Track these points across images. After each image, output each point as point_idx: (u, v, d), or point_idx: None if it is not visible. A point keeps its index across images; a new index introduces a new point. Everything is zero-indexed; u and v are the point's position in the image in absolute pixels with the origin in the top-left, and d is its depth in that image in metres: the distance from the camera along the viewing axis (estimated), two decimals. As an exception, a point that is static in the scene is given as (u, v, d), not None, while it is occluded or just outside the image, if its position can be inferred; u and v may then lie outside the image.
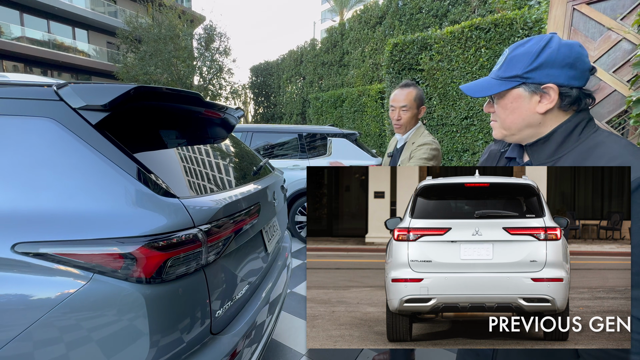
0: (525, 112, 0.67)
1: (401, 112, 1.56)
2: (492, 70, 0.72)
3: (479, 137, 4.83)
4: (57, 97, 0.94)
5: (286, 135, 4.11)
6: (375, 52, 10.28)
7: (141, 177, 0.91)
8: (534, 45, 0.64)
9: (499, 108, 0.71)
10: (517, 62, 0.65)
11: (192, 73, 13.97)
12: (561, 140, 0.66)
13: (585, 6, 1.69)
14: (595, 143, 0.63)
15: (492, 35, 4.48)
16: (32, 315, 0.76)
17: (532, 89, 0.65)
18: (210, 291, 0.97)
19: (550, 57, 0.62)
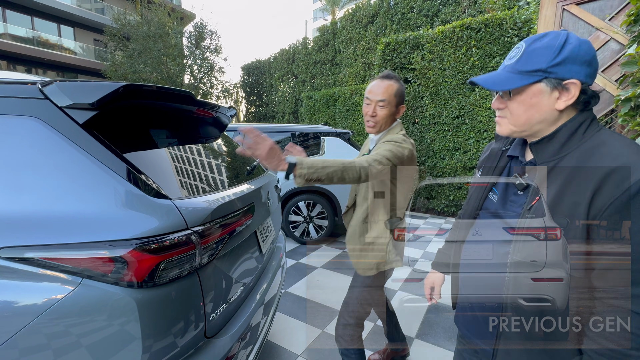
0: (544, 108, 0.65)
1: (377, 107, 1.29)
2: (504, 64, 0.69)
3: (470, 136, 4.88)
4: (42, 96, 0.90)
5: (279, 134, 4.08)
6: (367, 51, 10.30)
7: (131, 177, 0.88)
8: (554, 39, 0.62)
9: (515, 104, 0.67)
10: (539, 55, 0.62)
11: (182, 72, 13.76)
12: (565, 139, 0.65)
13: (574, 7, 1.72)
14: (599, 142, 0.62)
15: (483, 35, 4.53)
16: (19, 323, 0.73)
17: (554, 84, 0.62)
18: (204, 294, 0.95)
19: (573, 52, 0.60)
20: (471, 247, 0.84)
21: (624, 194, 0.56)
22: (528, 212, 0.68)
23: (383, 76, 1.32)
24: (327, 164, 1.00)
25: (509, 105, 0.69)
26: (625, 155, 0.58)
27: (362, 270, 1.34)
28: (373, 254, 1.32)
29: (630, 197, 0.56)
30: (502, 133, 0.74)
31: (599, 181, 0.58)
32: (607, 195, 0.58)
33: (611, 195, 0.57)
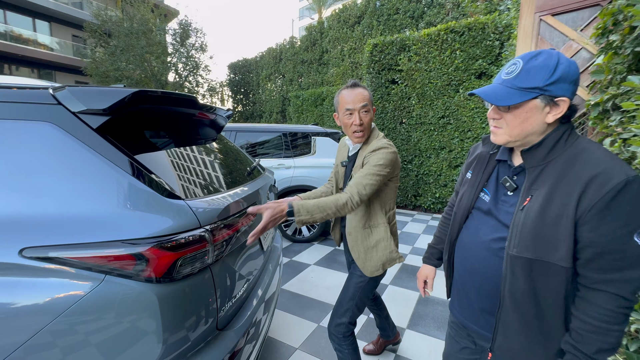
0: (535, 122, 0.73)
1: (362, 114, 1.31)
2: (502, 77, 0.76)
3: (454, 135, 5.07)
4: (55, 101, 0.94)
5: (270, 134, 4.12)
6: (354, 51, 10.42)
7: (146, 179, 0.93)
8: (548, 59, 0.70)
9: (511, 116, 0.75)
10: (536, 74, 0.70)
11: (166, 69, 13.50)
12: (551, 146, 0.75)
13: (550, 17, 1.86)
14: (580, 149, 0.72)
15: (466, 39, 4.71)
16: (45, 318, 0.77)
17: (547, 100, 0.71)
18: (216, 288, 1.01)
19: (564, 72, 0.69)
20: (468, 242, 0.92)
21: (605, 196, 0.65)
22: (521, 211, 0.77)
23: (352, 85, 1.33)
24: (323, 208, 1.12)
25: (505, 117, 0.76)
26: (604, 162, 0.68)
27: (370, 272, 1.38)
28: (378, 256, 1.38)
29: (610, 199, 0.65)
30: (498, 142, 0.82)
31: (584, 185, 0.68)
32: (591, 197, 0.67)
33: (594, 197, 0.66)
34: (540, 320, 0.78)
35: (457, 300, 1.00)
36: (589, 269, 0.71)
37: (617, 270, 0.68)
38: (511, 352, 0.83)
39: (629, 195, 0.64)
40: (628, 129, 1.24)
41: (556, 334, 0.77)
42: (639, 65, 1.30)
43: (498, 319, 0.83)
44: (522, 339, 0.80)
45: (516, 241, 0.77)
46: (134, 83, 12.35)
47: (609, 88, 1.41)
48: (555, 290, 0.74)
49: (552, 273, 0.73)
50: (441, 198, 5.43)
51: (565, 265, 0.71)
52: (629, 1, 1.16)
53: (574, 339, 0.73)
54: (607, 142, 1.46)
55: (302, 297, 2.63)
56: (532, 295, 0.76)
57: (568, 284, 0.73)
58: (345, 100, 1.32)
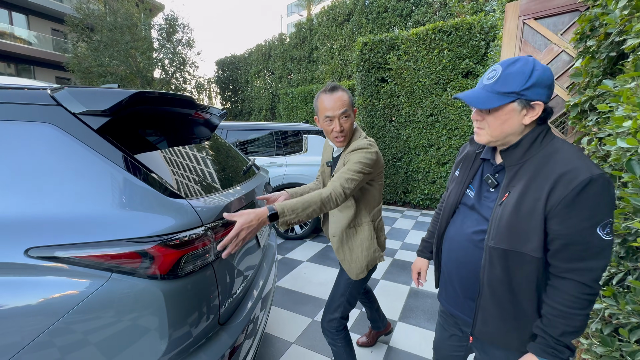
0: (513, 124, 0.80)
1: (342, 120, 1.28)
2: (483, 82, 0.83)
3: (442, 133, 5.19)
4: (54, 102, 0.95)
5: (262, 132, 4.13)
6: (343, 48, 10.46)
7: (148, 179, 0.95)
8: (524, 65, 0.76)
9: (492, 118, 0.82)
10: (513, 80, 0.76)
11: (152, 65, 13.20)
12: (528, 147, 0.81)
13: (533, 21, 1.94)
14: (554, 149, 0.79)
15: (453, 38, 4.82)
16: (53, 317, 0.78)
17: (524, 104, 0.77)
18: (218, 284, 1.04)
19: (539, 78, 0.75)
20: (454, 235, 0.99)
21: (571, 192, 0.71)
22: (499, 205, 0.83)
23: (331, 89, 1.29)
24: (307, 205, 1.08)
25: (487, 119, 0.83)
26: (573, 162, 0.74)
27: (355, 275, 1.39)
28: (363, 256, 1.39)
29: (576, 195, 0.71)
30: (481, 142, 0.88)
31: (554, 182, 0.74)
32: (560, 193, 0.73)
33: (562, 193, 0.72)
34: (515, 307, 0.84)
35: (445, 289, 1.07)
36: (557, 259, 0.77)
37: (582, 260, 0.74)
38: (489, 335, 0.90)
39: (592, 191, 0.70)
40: (603, 129, 1.33)
41: (529, 319, 0.84)
42: (613, 69, 1.39)
43: (478, 306, 0.90)
44: (499, 323, 0.87)
45: (494, 233, 0.83)
46: (118, 79, 12.03)
47: (587, 90, 1.50)
48: (528, 279, 0.81)
49: (525, 263, 0.80)
50: (430, 194, 5.56)
51: (537, 256, 0.78)
52: (604, 10, 1.24)
53: (544, 324, 0.80)
54: (584, 140, 1.55)
55: (296, 293, 2.67)
56: (507, 284, 0.83)
57: (539, 273, 0.80)
58: (324, 106, 1.28)
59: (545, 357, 0.79)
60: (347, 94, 1.31)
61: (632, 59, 1.07)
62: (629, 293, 1.10)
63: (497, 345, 0.91)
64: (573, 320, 0.76)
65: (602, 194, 0.71)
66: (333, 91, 1.29)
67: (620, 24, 1.12)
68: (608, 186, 0.71)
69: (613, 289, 1.18)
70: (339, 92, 1.29)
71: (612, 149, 0.99)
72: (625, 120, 0.93)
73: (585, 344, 1.34)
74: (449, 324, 1.10)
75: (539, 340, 0.81)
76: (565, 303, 0.76)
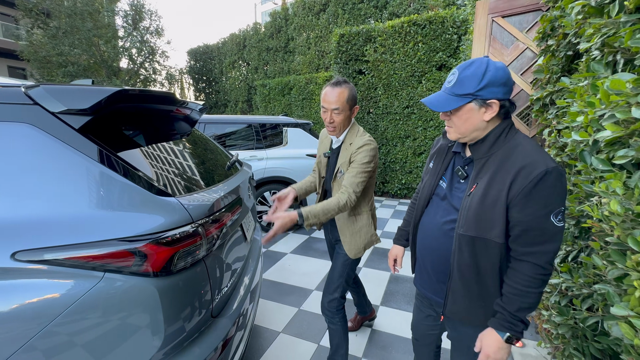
0: (475, 121, 0.87)
1: (333, 114, 1.40)
2: (445, 86, 0.90)
3: (418, 124, 5.36)
4: (31, 101, 0.92)
5: (241, 125, 4.07)
6: (320, 39, 10.39)
7: (136, 178, 0.95)
8: (478, 68, 0.83)
9: (455, 118, 0.89)
10: (468, 82, 0.83)
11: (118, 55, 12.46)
12: (493, 141, 0.88)
13: (501, 19, 2.06)
14: (516, 144, 0.86)
15: (427, 32, 4.95)
16: (45, 319, 0.78)
17: (480, 103, 0.84)
18: (210, 278, 1.07)
19: (491, 78, 0.81)
20: (427, 224, 1.07)
21: (529, 184, 0.78)
22: (468, 196, 0.91)
23: (334, 83, 1.39)
24: (327, 211, 1.32)
25: (452, 118, 0.91)
26: (531, 156, 0.81)
27: (354, 254, 1.54)
28: (361, 240, 1.56)
29: (533, 186, 0.78)
30: (451, 139, 0.96)
31: (515, 174, 0.81)
32: (519, 184, 0.80)
33: (521, 185, 0.79)
34: (481, 287, 0.93)
35: (419, 275, 1.16)
36: (517, 243, 0.85)
37: (537, 244, 0.82)
38: (459, 314, 1.00)
39: (547, 183, 0.77)
40: (561, 122, 1.47)
41: (493, 298, 0.93)
42: (570, 67, 1.53)
43: (448, 288, 0.99)
44: (467, 303, 0.97)
45: (463, 222, 0.91)
46: (81, 69, 11.27)
47: (548, 86, 1.63)
48: (492, 262, 0.90)
49: (489, 248, 0.88)
50: (407, 184, 5.76)
51: (499, 241, 0.86)
52: (562, 13, 1.35)
53: (503, 301, 0.89)
54: (545, 132, 1.70)
55: (281, 284, 2.73)
56: (474, 267, 0.92)
57: (502, 257, 0.88)
58: (323, 96, 1.42)
59: (503, 330, 0.88)
60: (348, 92, 1.39)
61: (584, 59, 1.18)
62: (581, 268, 1.25)
63: (465, 322, 1.01)
64: (528, 297, 0.85)
65: (556, 185, 0.78)
66: (335, 86, 1.38)
67: (576, 27, 1.23)
68: (561, 178, 0.78)
69: (569, 265, 1.33)
70: (340, 89, 1.38)
71: (569, 140, 1.11)
72: (579, 115, 1.04)
73: (546, 315, 1.50)
74: (424, 306, 1.20)
75: (498, 316, 0.89)
76: (522, 282, 0.85)
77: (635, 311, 0.71)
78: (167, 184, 1.06)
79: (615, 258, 0.80)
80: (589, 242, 1.16)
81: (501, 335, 0.88)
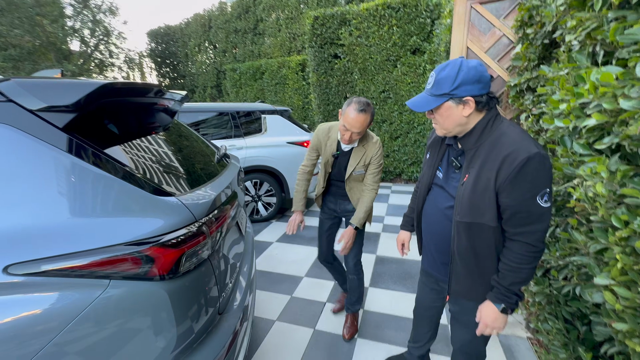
0: (456, 117, 0.94)
1: (353, 135, 1.56)
2: (426, 88, 0.99)
3: (394, 109, 5.45)
4: (4, 98, 0.82)
5: (217, 114, 3.91)
6: (291, 20, 10.05)
7: (133, 179, 0.90)
8: (451, 70, 0.90)
9: (438, 115, 0.98)
10: (443, 83, 0.91)
11: (67, 36, 11.29)
12: (480, 132, 0.95)
13: (479, 5, 2.11)
14: (501, 133, 0.92)
15: (402, 15, 4.96)
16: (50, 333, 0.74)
17: (457, 101, 0.92)
18: (216, 276, 1.05)
19: (464, 78, 0.89)
20: (429, 211, 1.16)
21: (513, 171, 0.84)
22: (462, 186, 0.98)
23: (360, 110, 1.48)
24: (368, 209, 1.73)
25: (435, 116, 0.99)
26: (514, 144, 0.87)
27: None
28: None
29: (517, 172, 0.84)
30: (439, 134, 1.06)
31: (500, 163, 0.87)
32: (505, 172, 0.86)
33: (507, 172, 0.86)
34: (480, 267, 1.03)
35: (425, 255, 1.27)
36: (508, 225, 0.93)
37: (526, 224, 0.90)
38: (462, 293, 1.11)
39: (530, 168, 0.83)
40: (538, 107, 1.56)
41: (491, 276, 1.03)
42: (545, 55, 1.62)
43: (451, 271, 1.09)
44: (469, 282, 1.07)
45: (459, 209, 0.99)
46: (25, 53, 10.11)
47: (525, 73, 1.72)
48: (487, 244, 0.98)
49: (484, 231, 0.96)
50: (384, 168, 5.90)
51: (493, 225, 0.94)
52: (541, 3, 1.42)
53: (498, 277, 0.98)
54: (522, 117, 1.80)
55: (270, 273, 2.74)
56: (472, 250, 1.00)
57: (496, 238, 0.96)
58: (347, 119, 1.50)
59: (498, 302, 0.98)
60: (370, 117, 1.53)
61: (563, 49, 1.26)
62: (558, 242, 1.38)
63: (467, 298, 1.11)
64: (520, 272, 0.93)
65: (539, 169, 0.84)
66: (360, 112, 1.48)
67: (557, 17, 1.30)
68: (544, 161, 0.84)
69: (546, 240, 1.46)
70: (365, 115, 1.49)
71: (551, 127, 1.20)
72: (560, 103, 1.12)
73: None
74: (429, 281, 1.31)
75: (494, 290, 0.99)
76: (515, 260, 0.93)
77: (617, 280, 0.80)
78: (164, 183, 1.01)
79: (597, 234, 0.89)
80: (567, 219, 1.27)
81: (497, 306, 0.98)
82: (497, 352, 1.77)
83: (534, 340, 1.85)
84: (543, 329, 1.57)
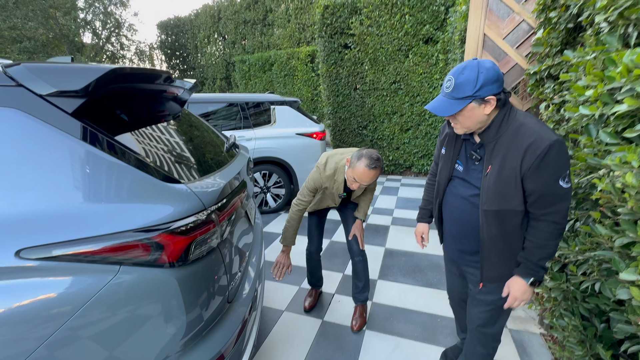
0: (478, 116, 0.99)
1: (362, 186, 1.65)
2: (444, 91, 1.01)
3: (405, 100, 5.35)
4: (14, 82, 0.82)
5: (227, 105, 3.90)
6: (300, 11, 9.91)
7: (143, 166, 0.89)
8: (470, 72, 0.93)
9: (460, 117, 1.00)
10: (465, 86, 0.94)
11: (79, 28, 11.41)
12: (498, 125, 1.01)
13: (498, -10, 2.01)
14: (519, 124, 0.98)
15: (414, 3, 4.81)
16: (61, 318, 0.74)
17: (479, 102, 0.96)
18: (225, 264, 1.04)
19: (485, 79, 0.92)
20: (453, 200, 1.20)
21: (537, 159, 0.92)
22: (486, 177, 1.04)
23: (372, 166, 1.51)
24: (369, 203, 1.93)
25: (457, 118, 1.02)
26: (535, 133, 0.93)
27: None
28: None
29: (540, 160, 0.92)
30: (459, 133, 1.09)
31: (524, 152, 0.94)
32: (529, 160, 0.93)
33: (530, 160, 0.93)
34: (510, 251, 1.09)
35: (446, 243, 1.33)
36: (534, 207, 1.00)
37: (551, 205, 0.97)
38: (494, 279, 1.15)
39: (552, 155, 0.91)
40: (560, 95, 1.49)
41: (517, 249, 1.09)
42: (569, 40, 1.53)
43: (482, 258, 1.13)
44: (500, 268, 1.12)
45: (485, 199, 1.05)
46: (39, 45, 10.28)
47: (546, 60, 1.64)
48: (515, 227, 1.05)
49: (513, 216, 1.03)
50: (394, 160, 5.82)
51: (520, 209, 1.02)
52: (568, -17, 1.33)
53: (525, 253, 1.06)
54: (542, 106, 1.72)
55: (279, 264, 2.74)
56: (502, 235, 1.06)
57: (523, 220, 1.05)
58: (358, 173, 1.53)
59: (527, 276, 1.06)
60: (380, 172, 1.56)
61: (591, 32, 1.19)
62: (577, 237, 1.32)
63: (501, 282, 1.15)
64: (547, 248, 1.02)
65: (559, 154, 0.92)
66: (372, 169, 1.51)
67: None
68: (562, 147, 0.92)
69: (565, 234, 1.41)
70: (375, 171, 1.53)
71: (575, 115, 1.13)
72: (586, 89, 1.06)
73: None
74: (455, 268, 1.38)
75: (522, 265, 1.07)
76: (543, 237, 1.01)
77: (646, 276, 0.76)
78: (173, 170, 1.00)
79: (625, 227, 0.84)
80: (589, 212, 1.22)
81: (526, 280, 1.07)
82: (510, 348, 1.74)
83: (548, 336, 1.81)
84: (558, 325, 1.52)
